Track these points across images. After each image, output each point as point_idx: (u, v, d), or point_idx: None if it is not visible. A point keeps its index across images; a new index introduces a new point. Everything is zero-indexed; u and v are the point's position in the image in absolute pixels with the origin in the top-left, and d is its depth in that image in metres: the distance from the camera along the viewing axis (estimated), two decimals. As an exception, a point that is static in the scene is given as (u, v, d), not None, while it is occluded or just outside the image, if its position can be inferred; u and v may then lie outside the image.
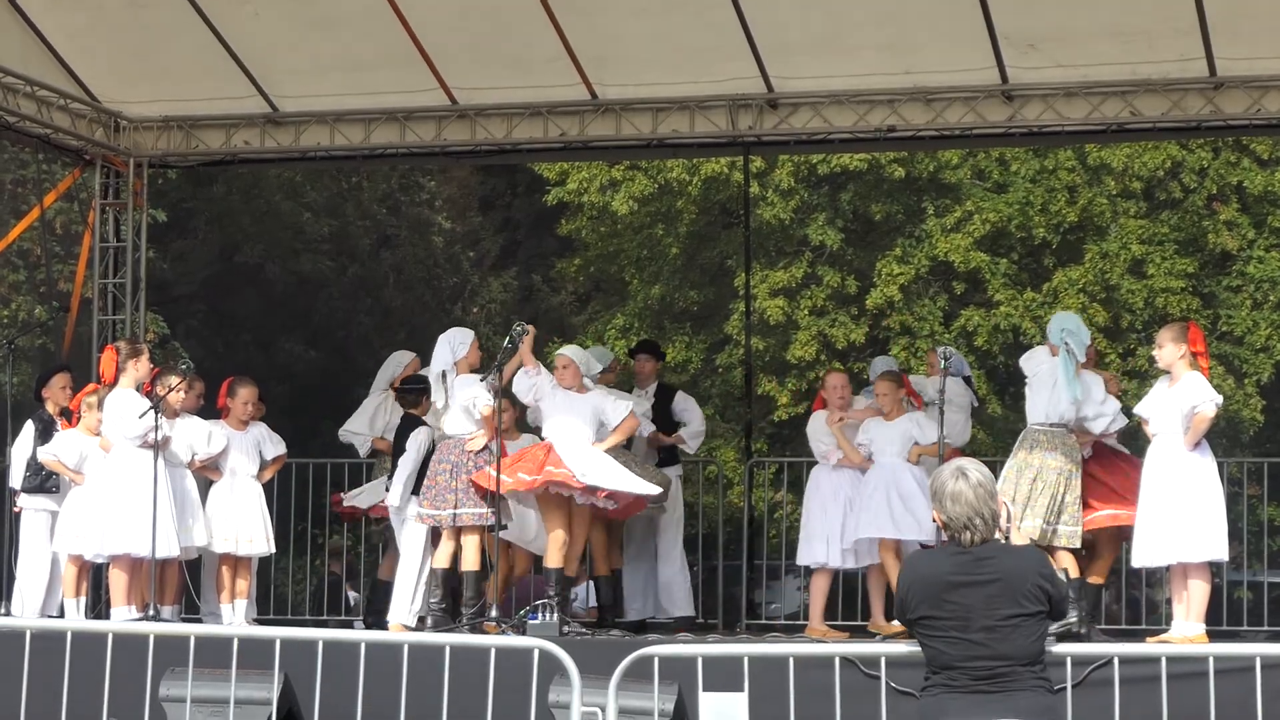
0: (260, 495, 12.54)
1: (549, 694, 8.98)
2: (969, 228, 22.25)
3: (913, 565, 6.45)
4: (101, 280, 15.04)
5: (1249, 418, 21.96)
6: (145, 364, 11.90)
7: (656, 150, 15.36)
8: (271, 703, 9.47)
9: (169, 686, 9.53)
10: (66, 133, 14.36)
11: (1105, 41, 12.94)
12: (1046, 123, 13.62)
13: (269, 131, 14.72)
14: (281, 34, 13.79)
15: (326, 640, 8.77)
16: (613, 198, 22.86)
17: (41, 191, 17.52)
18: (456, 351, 11.79)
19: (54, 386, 12.71)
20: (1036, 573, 6.26)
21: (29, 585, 12.31)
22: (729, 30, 13.20)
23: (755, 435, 20.90)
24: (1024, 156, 22.36)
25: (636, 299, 24.00)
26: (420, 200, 27.51)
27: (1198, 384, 10.67)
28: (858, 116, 13.82)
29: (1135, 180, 22.27)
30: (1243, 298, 22.37)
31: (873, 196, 22.76)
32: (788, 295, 22.60)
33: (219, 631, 10.15)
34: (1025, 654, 6.19)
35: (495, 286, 28.09)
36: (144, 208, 15.25)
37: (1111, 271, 22.03)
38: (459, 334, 11.97)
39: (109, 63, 14.30)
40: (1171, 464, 10.66)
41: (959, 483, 6.27)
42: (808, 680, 8.22)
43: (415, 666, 8.60)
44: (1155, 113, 13.35)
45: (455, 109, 14.31)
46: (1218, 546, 10.65)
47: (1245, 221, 22.51)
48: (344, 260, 26.02)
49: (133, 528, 11.50)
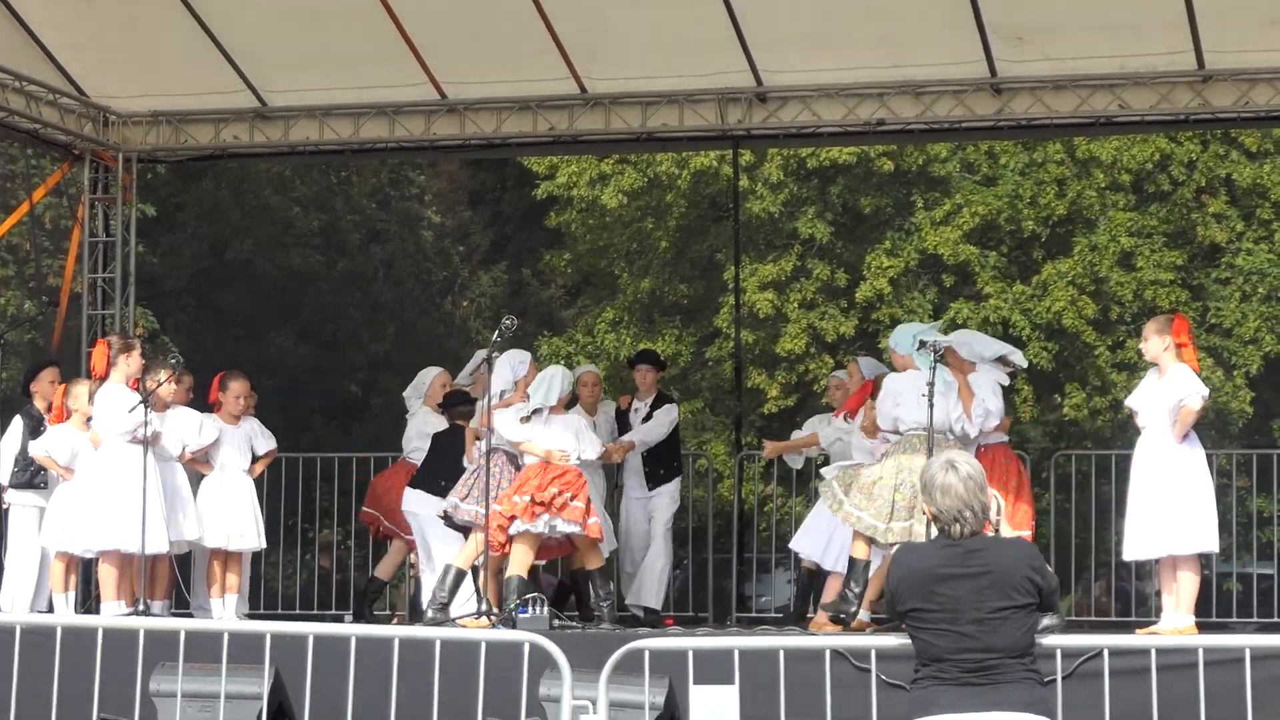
0: (252, 490, 12.54)
1: (540, 688, 8.99)
2: (958, 221, 22.25)
3: (902, 558, 6.45)
4: (91, 275, 15.02)
5: (1238, 410, 21.97)
6: (137, 359, 11.88)
7: (646, 144, 15.38)
8: (262, 697, 9.48)
9: (159, 681, 9.53)
10: (55, 128, 14.34)
11: (1093, 35, 12.94)
12: (1035, 116, 13.63)
13: (258, 126, 14.71)
14: (270, 28, 13.78)
15: (317, 635, 8.78)
16: (602, 191, 22.85)
17: (30, 186, 17.56)
18: (517, 372, 11.91)
19: (43, 381, 12.71)
20: (1026, 565, 6.26)
21: (18, 581, 12.31)
22: (718, 24, 13.20)
23: (745, 428, 20.88)
24: (1013, 149, 22.36)
25: (626, 293, 24.00)
26: (410, 195, 27.50)
27: (1184, 376, 10.68)
28: (847, 110, 13.82)
29: (1124, 173, 22.27)
30: (1231, 290, 22.38)
31: (862, 190, 22.76)
32: (777, 288, 22.60)
33: (209, 626, 10.14)
34: (1015, 646, 6.19)
35: (485, 280, 28.09)
36: (133, 202, 15.24)
37: (1101, 264, 22.04)
38: (518, 355, 12.07)
39: (98, 57, 14.28)
40: (1160, 456, 10.67)
41: (949, 475, 6.28)
42: (798, 673, 8.23)
43: (406, 661, 8.60)
44: (1144, 106, 13.36)
45: (444, 103, 14.30)
46: (1208, 538, 10.66)
47: (1234, 214, 22.52)
48: (333, 255, 26.01)
49: (121, 523, 11.49)
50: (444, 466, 12.23)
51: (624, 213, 23.50)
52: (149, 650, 9.07)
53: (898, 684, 7.70)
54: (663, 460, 13.26)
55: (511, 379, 11.87)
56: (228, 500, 12.34)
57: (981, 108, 13.68)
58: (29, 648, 9.04)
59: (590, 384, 13.11)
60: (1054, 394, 23.39)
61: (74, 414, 12.14)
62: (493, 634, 9.42)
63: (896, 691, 7.73)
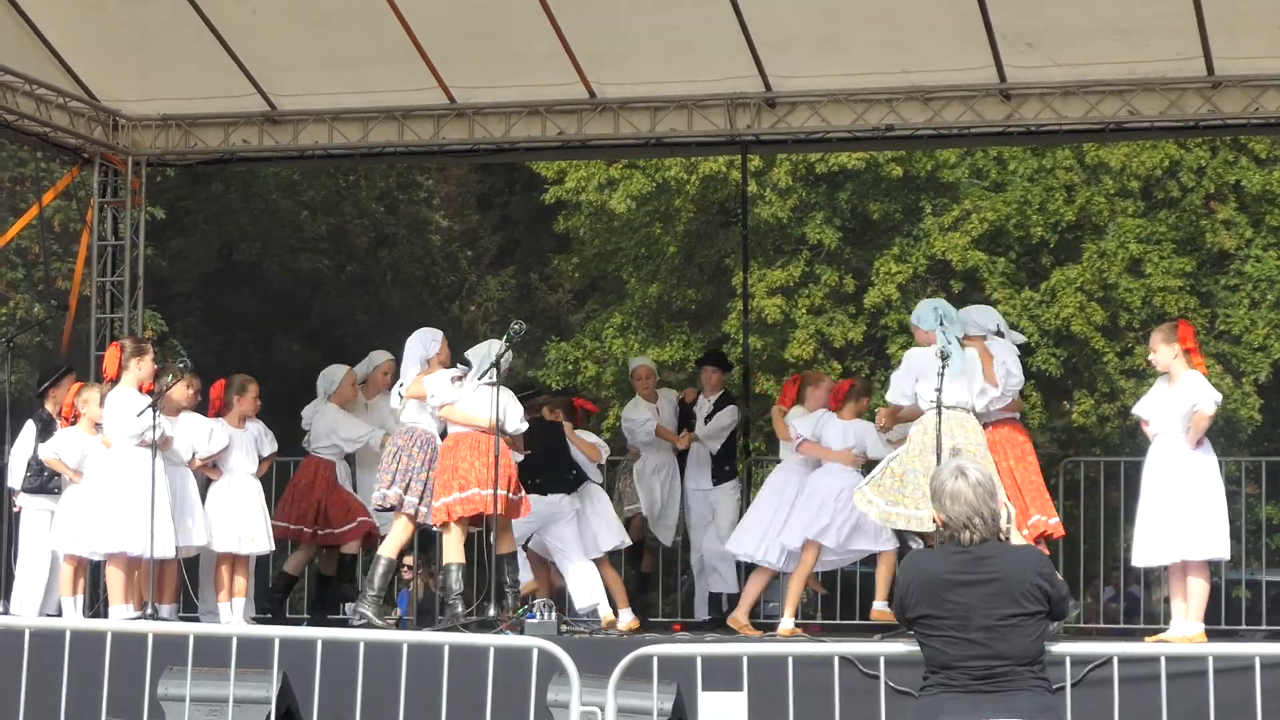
0: (260, 493, 12.54)
1: (548, 693, 8.98)
2: (967, 226, 22.25)
3: (912, 564, 6.44)
4: (100, 278, 15.04)
5: (1246, 417, 21.96)
6: (149, 363, 11.87)
7: (654, 149, 15.38)
8: (270, 701, 9.47)
9: (168, 685, 9.53)
10: (65, 131, 14.35)
11: (1103, 40, 12.94)
12: (1044, 121, 13.62)
13: (267, 130, 14.71)
14: (280, 32, 13.79)
15: (325, 639, 8.77)
16: (610, 196, 22.86)
17: (40, 190, 17.55)
18: (429, 349, 12.01)
19: (62, 387, 12.63)
20: (1035, 572, 6.26)
21: (28, 584, 12.31)
22: (727, 29, 13.20)
23: (753, 434, 20.87)
24: (1022, 155, 22.36)
25: (634, 297, 24.01)
26: (418, 199, 27.54)
27: (1196, 383, 10.66)
28: (855, 115, 13.82)
29: (1133, 179, 22.27)
30: (1240, 297, 22.37)
31: (870, 195, 22.76)
32: (785, 294, 22.61)
33: (218, 630, 10.14)
34: (1024, 653, 6.19)
35: (493, 285, 28.11)
36: (142, 206, 15.26)
37: (1109, 270, 22.03)
38: (429, 333, 12.16)
39: (107, 61, 14.30)
40: (1172, 463, 10.66)
41: (958, 482, 6.28)
42: (807, 680, 8.23)
43: (414, 665, 8.60)
44: (1153, 112, 13.35)
45: (453, 107, 14.31)
46: (1219, 545, 10.64)
47: (1243, 220, 22.51)
48: (342, 258, 26.04)
49: (129, 526, 11.49)
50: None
51: (632, 217, 23.51)
52: (157, 654, 9.09)
53: (906, 691, 7.69)
54: (725, 458, 13.86)
55: (424, 356, 11.94)
56: (237, 503, 12.33)
57: (991, 113, 13.67)
58: (38, 651, 9.06)
59: (644, 376, 13.99)
60: (1063, 400, 23.38)
61: (83, 417, 12.14)
62: (501, 639, 9.41)
63: (905, 698, 7.72)
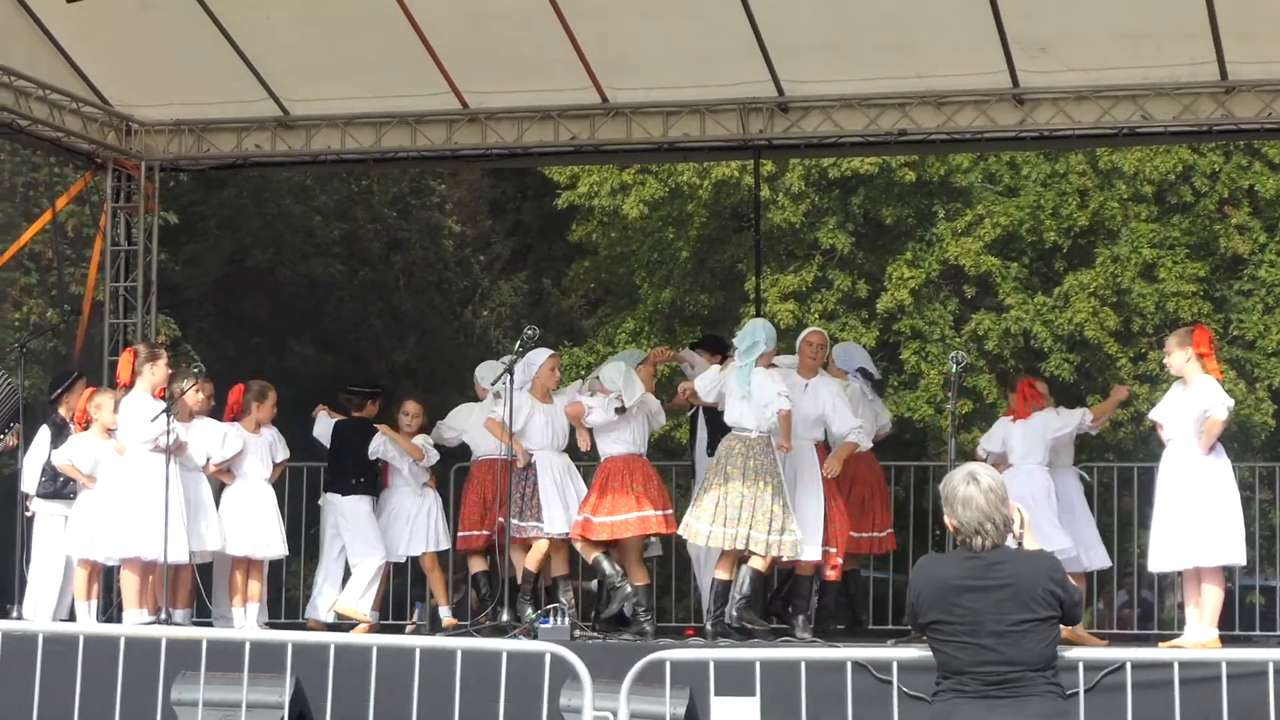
0: (273, 498, 12.57)
1: (560, 698, 8.99)
2: (980, 231, 22.23)
3: (923, 569, 6.44)
4: (113, 283, 15.06)
5: (1260, 422, 21.91)
6: (163, 368, 11.89)
7: (667, 154, 15.37)
8: (283, 706, 9.49)
9: (181, 690, 9.54)
10: (78, 136, 14.38)
11: (1116, 45, 12.93)
12: (1057, 126, 13.60)
13: (280, 135, 14.73)
14: (292, 37, 13.80)
15: (338, 644, 8.78)
16: (623, 201, 22.84)
17: (53, 195, 17.56)
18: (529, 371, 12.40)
19: (73, 392, 12.66)
20: (1047, 577, 6.25)
21: (41, 589, 12.32)
22: (740, 34, 13.20)
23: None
24: (1035, 160, 22.33)
25: (647, 303, 23.99)
26: (431, 204, 27.52)
27: (1209, 388, 10.66)
28: (868, 120, 13.81)
29: (1146, 184, 22.23)
30: (1254, 302, 22.33)
31: (883, 200, 22.73)
32: (798, 299, 22.58)
33: (231, 635, 10.15)
34: (1037, 659, 6.18)
35: (505, 290, 28.09)
36: (155, 211, 15.27)
37: (1122, 275, 22.00)
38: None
39: (120, 66, 14.33)
40: (1186, 468, 10.65)
41: (970, 487, 6.27)
42: (820, 685, 8.23)
43: (427, 671, 8.60)
44: (1166, 116, 13.34)
45: (466, 112, 14.32)
46: (1235, 550, 10.62)
47: (1257, 225, 22.47)
48: (354, 263, 26.03)
49: (143, 531, 11.51)
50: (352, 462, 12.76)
51: (645, 222, 23.51)
52: (171, 659, 9.10)
53: (919, 696, 7.68)
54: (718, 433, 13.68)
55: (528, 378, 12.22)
56: (252, 509, 12.35)
57: (1004, 118, 13.66)
58: (51, 656, 9.06)
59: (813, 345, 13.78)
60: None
61: (95, 422, 12.15)
62: (514, 644, 9.41)
63: (918, 704, 7.71)
